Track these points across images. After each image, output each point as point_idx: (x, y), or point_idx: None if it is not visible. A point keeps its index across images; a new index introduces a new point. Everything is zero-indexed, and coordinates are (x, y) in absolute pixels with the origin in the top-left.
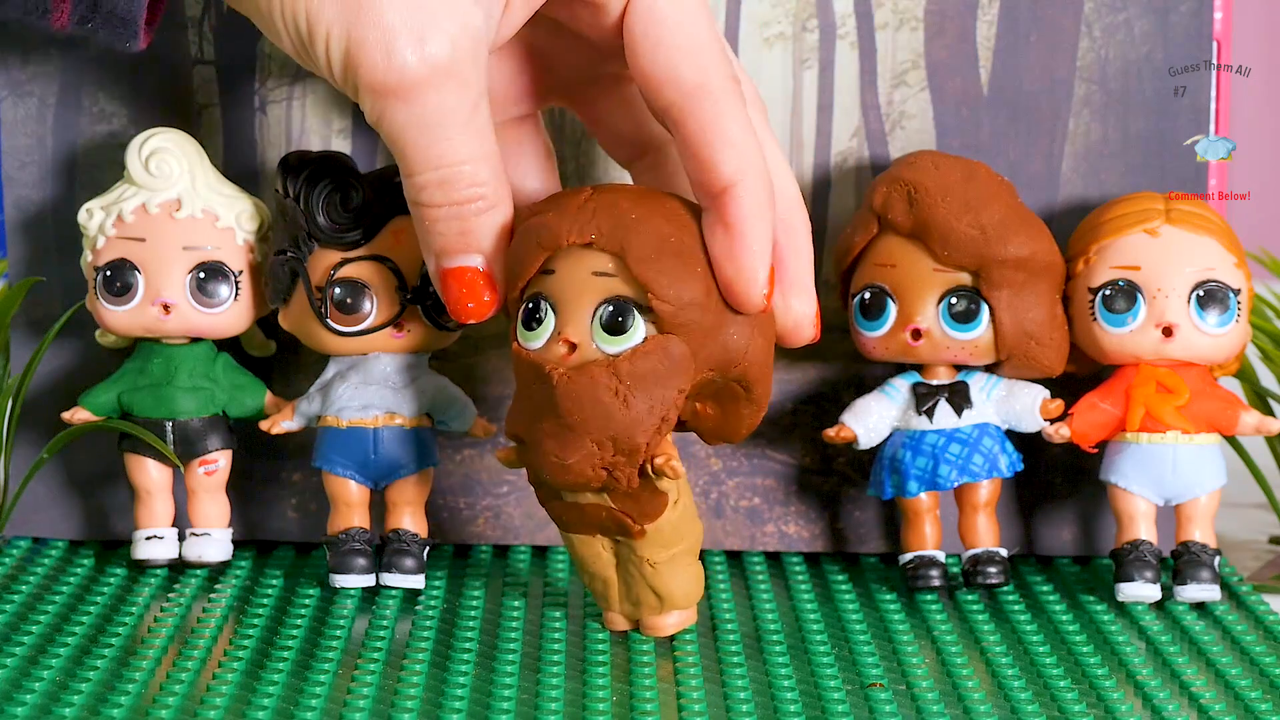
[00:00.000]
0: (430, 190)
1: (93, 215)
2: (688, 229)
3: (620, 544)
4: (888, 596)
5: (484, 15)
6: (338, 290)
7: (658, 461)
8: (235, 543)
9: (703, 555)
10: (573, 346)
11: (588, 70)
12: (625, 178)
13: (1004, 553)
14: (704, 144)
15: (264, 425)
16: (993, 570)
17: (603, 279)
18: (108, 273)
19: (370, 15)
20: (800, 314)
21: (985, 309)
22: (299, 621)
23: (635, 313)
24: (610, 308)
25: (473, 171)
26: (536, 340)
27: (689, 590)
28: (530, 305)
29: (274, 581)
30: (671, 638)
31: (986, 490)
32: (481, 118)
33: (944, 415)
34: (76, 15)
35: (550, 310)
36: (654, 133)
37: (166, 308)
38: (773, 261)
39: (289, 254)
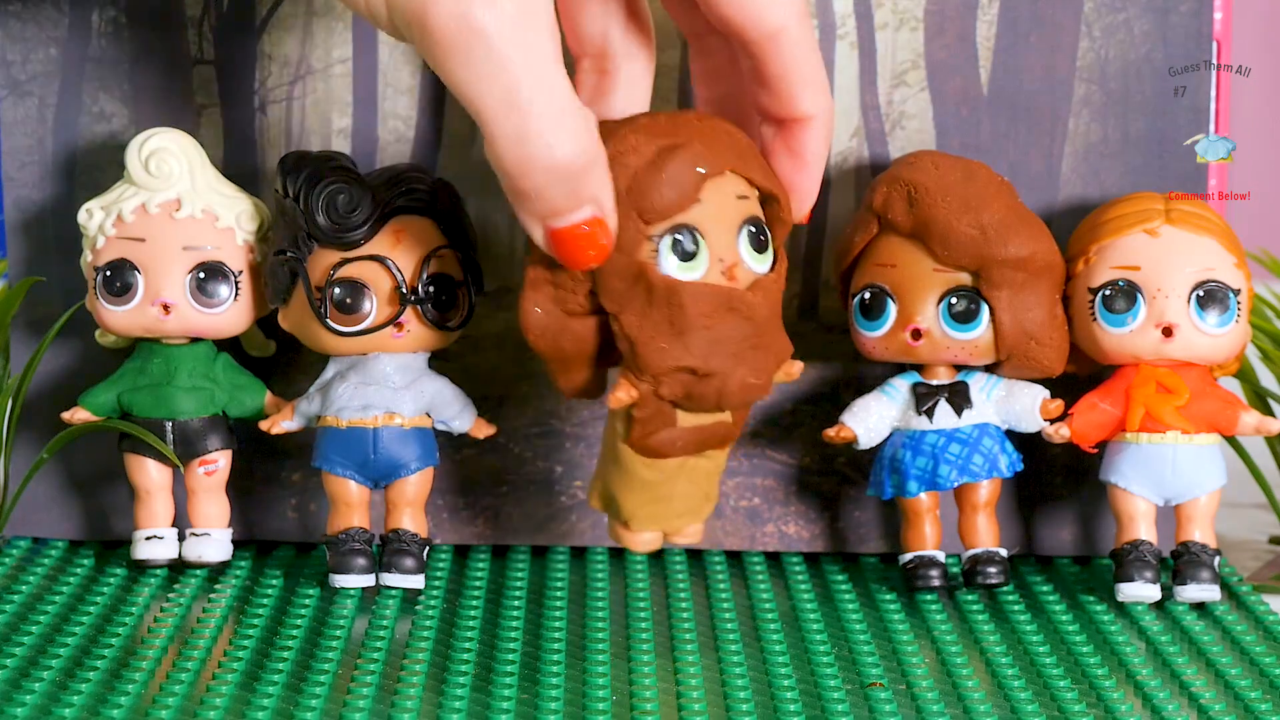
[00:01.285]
0: (531, 147)
1: (93, 215)
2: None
3: (700, 457)
4: (888, 596)
5: None
6: (338, 290)
7: (793, 368)
8: (235, 543)
9: (702, 555)
10: (732, 269)
11: None
12: None
13: (1004, 553)
14: (785, 81)
15: (264, 425)
16: (993, 570)
17: (743, 202)
18: (108, 273)
19: None
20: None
21: (985, 309)
22: (299, 621)
23: (768, 229)
24: (753, 228)
25: (571, 122)
26: (695, 271)
27: None
28: (680, 236)
29: (274, 581)
30: (671, 636)
31: (986, 490)
32: (559, 65)
33: (944, 415)
34: None
35: (701, 238)
36: (609, 44)
37: (166, 308)
38: None
39: (289, 254)
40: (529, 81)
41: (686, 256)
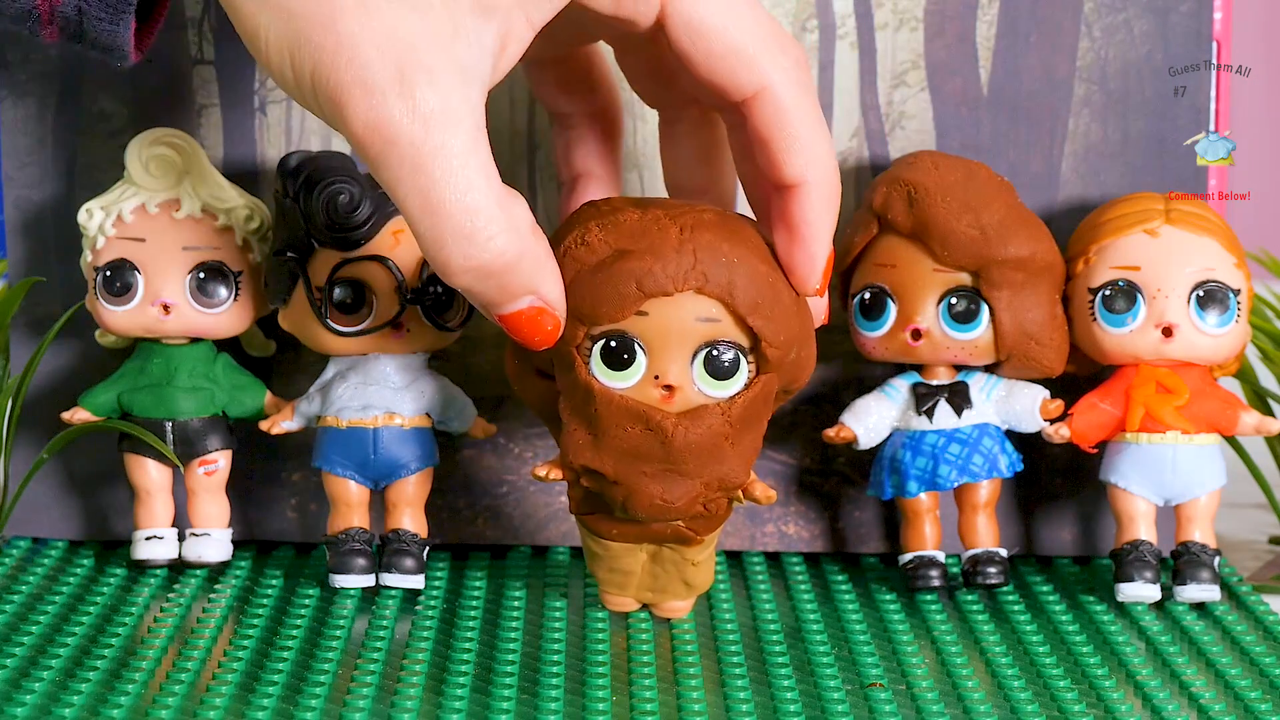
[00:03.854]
0: (449, 251)
1: (93, 215)
2: (772, 260)
3: (667, 548)
4: (888, 596)
5: (476, 53)
6: (338, 290)
7: (756, 492)
8: (235, 543)
9: None
10: (670, 389)
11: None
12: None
13: (1004, 553)
14: (770, 143)
15: (264, 425)
16: (992, 570)
17: (707, 324)
18: (108, 273)
19: (352, 60)
20: (815, 307)
21: (985, 309)
22: (299, 621)
23: (743, 357)
24: (716, 353)
25: (485, 224)
26: (624, 380)
27: (711, 577)
28: (614, 344)
29: (274, 581)
30: (671, 636)
31: (986, 490)
32: (479, 158)
33: (944, 415)
34: (64, 37)
35: (640, 351)
36: (680, 93)
37: (166, 308)
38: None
39: (289, 254)
40: (444, 185)
41: (618, 364)
